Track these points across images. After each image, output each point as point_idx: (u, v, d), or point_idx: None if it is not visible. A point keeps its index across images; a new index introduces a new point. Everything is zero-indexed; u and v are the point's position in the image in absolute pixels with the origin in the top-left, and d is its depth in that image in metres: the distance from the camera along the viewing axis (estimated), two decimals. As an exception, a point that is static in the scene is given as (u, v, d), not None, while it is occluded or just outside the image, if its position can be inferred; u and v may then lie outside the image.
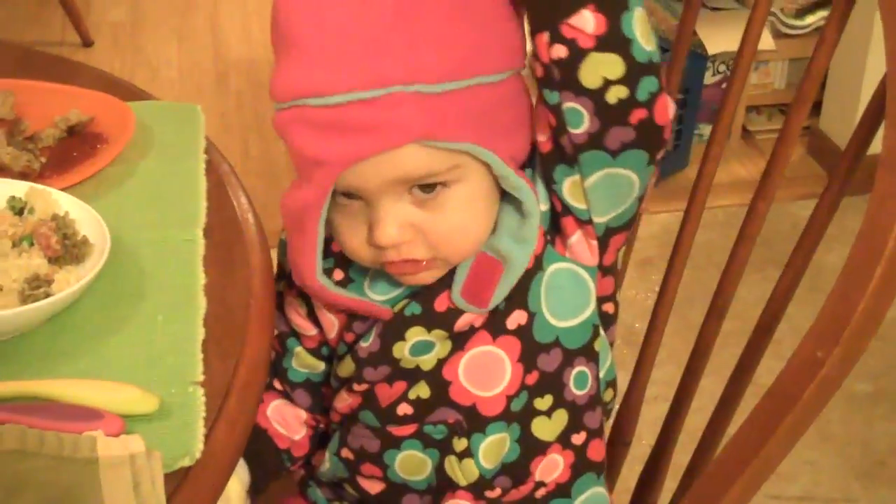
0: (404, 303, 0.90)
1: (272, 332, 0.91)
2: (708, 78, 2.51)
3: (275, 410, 1.02)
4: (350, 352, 0.94)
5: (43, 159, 1.03)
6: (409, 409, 0.93)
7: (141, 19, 3.23)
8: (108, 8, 3.28)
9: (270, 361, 0.93)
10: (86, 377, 0.81)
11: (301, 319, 0.98)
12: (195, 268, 0.92)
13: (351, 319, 0.94)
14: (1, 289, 0.84)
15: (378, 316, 0.90)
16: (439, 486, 0.95)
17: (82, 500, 0.70)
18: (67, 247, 0.88)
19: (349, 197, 0.85)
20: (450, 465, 0.93)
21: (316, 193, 0.82)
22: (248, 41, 3.11)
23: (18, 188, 0.94)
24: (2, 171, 1.00)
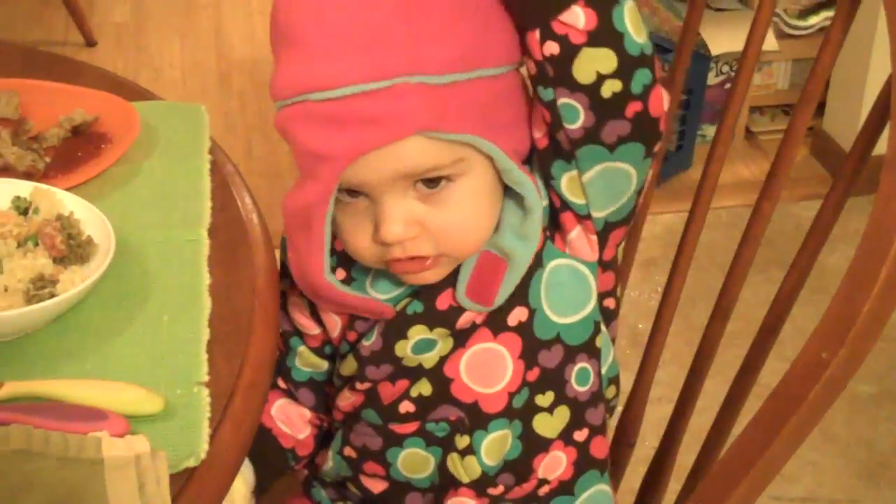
0: (406, 301, 0.90)
1: (277, 332, 0.92)
2: (711, 78, 2.51)
3: (279, 410, 1.02)
4: (353, 350, 0.94)
5: (48, 159, 1.04)
6: (412, 407, 0.93)
7: (144, 19, 3.23)
8: (112, 8, 3.28)
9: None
10: (91, 377, 0.81)
11: (304, 318, 0.98)
12: (200, 268, 0.92)
13: (353, 318, 0.94)
14: (6, 289, 0.84)
15: (381, 315, 0.90)
16: (442, 484, 0.95)
17: (87, 501, 0.70)
18: (72, 247, 0.88)
19: (353, 195, 0.85)
20: (452, 463, 0.93)
21: (321, 190, 0.82)
22: (252, 41, 3.11)
23: (23, 188, 0.94)
24: (7, 171, 1.00)
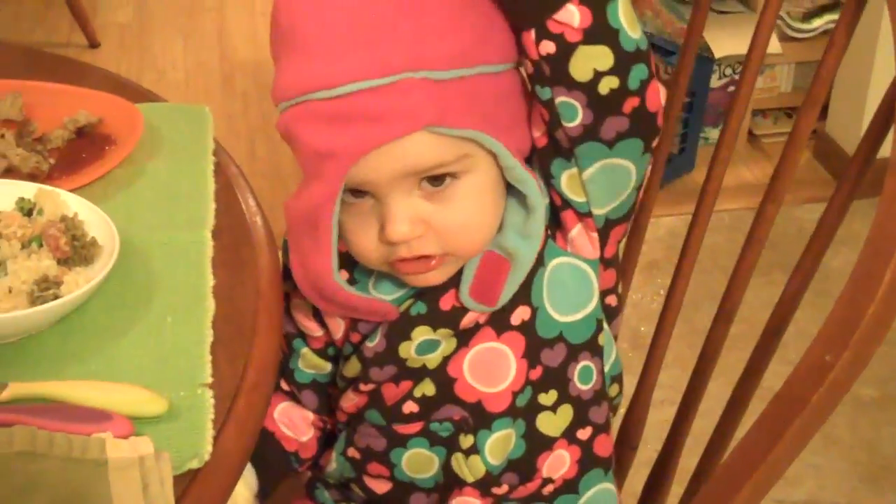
0: (409, 302, 0.90)
1: (281, 334, 0.92)
2: (714, 81, 2.51)
3: (282, 413, 1.02)
4: (356, 352, 0.94)
5: (52, 160, 1.04)
6: (415, 407, 0.93)
7: (147, 21, 3.24)
8: (115, 9, 3.28)
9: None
10: (95, 379, 0.81)
11: (307, 320, 0.98)
12: (204, 269, 0.92)
13: (356, 320, 0.94)
14: (10, 290, 0.84)
15: (385, 316, 0.90)
16: (446, 484, 0.95)
17: (91, 502, 0.70)
18: (76, 248, 0.88)
19: (358, 195, 0.84)
20: (456, 463, 0.93)
21: (327, 189, 0.82)
22: (255, 43, 3.11)
23: (27, 189, 0.94)
24: (11, 173, 1.01)
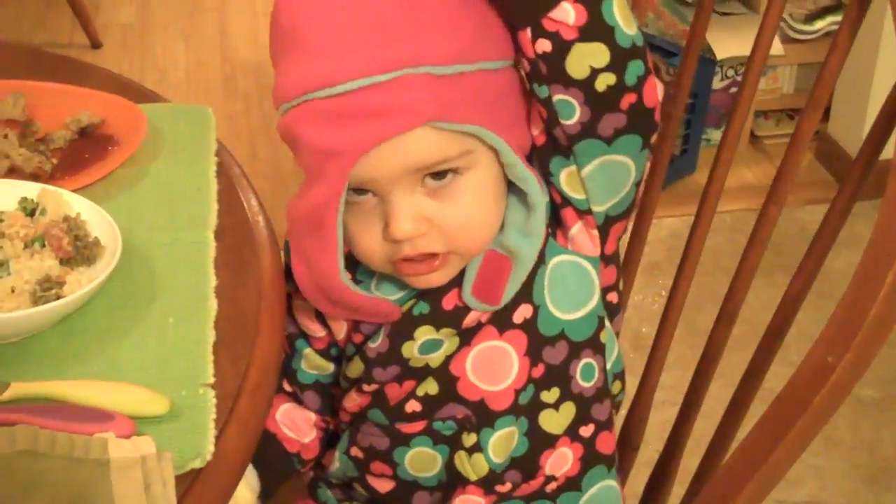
0: (412, 302, 0.90)
1: (283, 334, 0.92)
2: (716, 83, 2.51)
3: (284, 414, 1.02)
4: (359, 352, 0.94)
5: (55, 161, 1.04)
6: (418, 406, 0.93)
7: (149, 21, 3.23)
8: (117, 9, 3.28)
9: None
10: (97, 379, 0.81)
11: (310, 321, 0.98)
12: (206, 270, 0.92)
13: (359, 320, 0.94)
14: (13, 290, 0.84)
15: (388, 316, 0.90)
16: (449, 482, 0.95)
17: (93, 502, 0.70)
18: (79, 248, 0.89)
19: (360, 193, 0.85)
20: (459, 461, 0.94)
21: (331, 188, 0.82)
22: (256, 43, 3.11)
23: (30, 189, 0.95)
24: (14, 173, 1.01)
